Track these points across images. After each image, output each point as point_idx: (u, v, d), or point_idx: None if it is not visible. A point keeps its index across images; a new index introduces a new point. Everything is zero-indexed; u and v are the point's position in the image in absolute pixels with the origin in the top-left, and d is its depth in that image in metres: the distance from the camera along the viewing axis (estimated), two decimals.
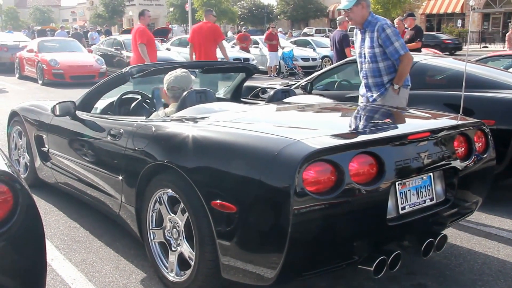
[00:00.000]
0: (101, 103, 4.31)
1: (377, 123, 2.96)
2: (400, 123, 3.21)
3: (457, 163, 2.84)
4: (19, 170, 4.77)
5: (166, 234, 2.86)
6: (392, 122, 3.07)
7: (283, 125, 2.89)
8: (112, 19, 55.95)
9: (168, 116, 3.33)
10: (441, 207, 2.79)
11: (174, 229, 2.79)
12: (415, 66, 4.62)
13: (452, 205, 2.85)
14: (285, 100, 3.87)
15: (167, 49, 17.32)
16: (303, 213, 2.19)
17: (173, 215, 2.77)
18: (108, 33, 24.91)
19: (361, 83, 4.46)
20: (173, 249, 2.81)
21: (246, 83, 5.08)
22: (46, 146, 4.25)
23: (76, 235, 3.69)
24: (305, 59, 17.66)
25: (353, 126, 3.11)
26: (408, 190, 2.63)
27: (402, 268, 2.77)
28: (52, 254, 3.31)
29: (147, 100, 4.33)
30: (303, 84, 5.60)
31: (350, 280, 2.95)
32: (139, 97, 4.32)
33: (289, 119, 3.23)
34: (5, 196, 1.87)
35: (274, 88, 4.36)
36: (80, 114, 3.83)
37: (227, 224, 2.39)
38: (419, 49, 9.37)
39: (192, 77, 3.81)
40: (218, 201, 2.40)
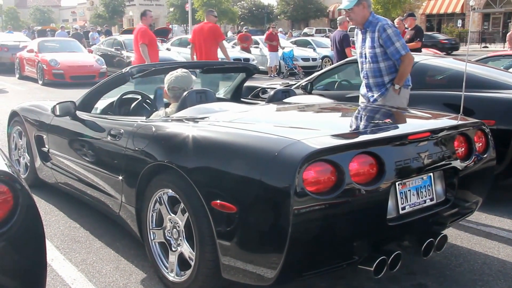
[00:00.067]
0: (101, 103, 4.31)
1: (377, 123, 2.96)
2: (400, 123, 3.21)
3: (457, 163, 2.84)
4: (19, 170, 4.78)
5: (166, 234, 2.86)
6: (392, 122, 3.07)
7: (283, 125, 2.89)
8: (113, 19, 55.96)
9: (169, 116, 3.34)
10: (441, 207, 2.79)
11: (174, 229, 2.79)
12: (415, 66, 4.62)
13: (452, 205, 2.85)
14: (285, 100, 3.87)
15: (167, 49, 17.31)
16: (303, 213, 2.19)
17: (173, 215, 2.77)
18: (108, 33, 24.91)
19: (362, 83, 4.46)
20: (173, 249, 2.81)
21: (246, 83, 5.08)
22: (46, 146, 4.25)
23: (76, 235, 3.69)
24: (305, 59, 17.67)
25: (353, 126, 3.11)
26: (408, 190, 2.63)
27: (402, 268, 2.77)
28: (52, 254, 3.31)
29: (147, 100, 4.33)
30: (303, 84, 5.60)
31: (350, 280, 2.95)
32: (139, 97, 4.32)
33: (289, 119, 3.23)
34: (5, 196, 1.87)
35: (274, 88, 4.37)
36: (80, 114, 3.83)
37: (227, 224, 2.39)
38: (419, 49, 9.36)
39: (193, 77, 3.81)
40: (218, 201, 2.40)
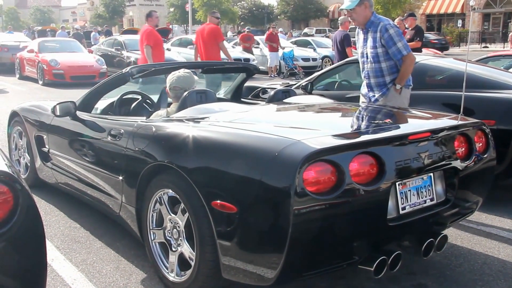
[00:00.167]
0: (102, 104, 4.31)
1: (378, 123, 2.96)
2: (401, 123, 3.20)
3: (458, 163, 2.84)
4: (20, 171, 4.78)
5: (167, 234, 2.86)
6: (393, 122, 3.07)
7: (284, 125, 2.89)
8: (113, 20, 55.99)
9: (169, 116, 3.33)
10: (442, 207, 2.79)
11: (175, 229, 2.78)
12: (416, 66, 4.61)
13: (453, 205, 2.85)
14: (286, 100, 3.87)
15: (168, 49, 17.30)
16: (304, 213, 2.19)
17: (174, 215, 2.77)
18: (109, 34, 24.88)
19: (363, 83, 4.46)
20: (174, 249, 2.81)
21: (247, 83, 5.08)
22: (47, 147, 4.25)
23: (77, 236, 3.69)
24: (306, 59, 17.67)
25: (354, 126, 3.11)
26: (409, 190, 2.62)
27: (403, 268, 2.77)
28: (53, 255, 3.31)
29: (148, 100, 4.33)
30: (304, 84, 5.60)
31: (350, 280, 2.95)
32: (140, 98, 4.32)
33: (290, 119, 3.23)
34: (6, 197, 1.87)
35: (275, 88, 4.37)
36: (81, 115, 3.83)
37: (228, 224, 2.39)
38: (420, 49, 9.37)
39: (195, 78, 3.81)
40: (219, 201, 2.40)
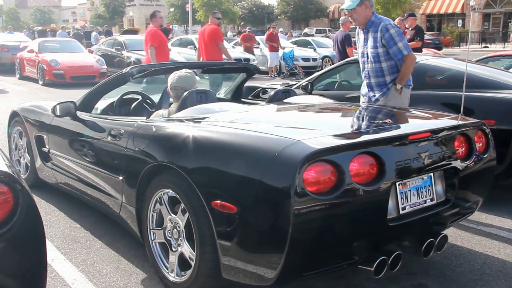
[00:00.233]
0: (102, 104, 4.31)
1: (378, 123, 2.96)
2: (401, 123, 3.20)
3: (458, 163, 2.84)
4: (20, 171, 4.78)
5: (167, 235, 2.86)
6: (393, 122, 3.07)
7: (284, 125, 2.89)
8: (113, 20, 55.99)
9: (169, 116, 3.34)
10: (442, 207, 2.79)
11: (175, 230, 2.78)
12: (416, 66, 4.61)
13: (453, 205, 2.85)
14: (286, 100, 3.88)
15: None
16: (304, 213, 2.19)
17: (174, 216, 2.77)
18: (109, 34, 24.86)
19: (363, 83, 4.46)
20: (174, 250, 2.81)
21: (247, 83, 5.08)
22: (47, 147, 4.25)
23: (77, 236, 3.69)
24: (306, 59, 17.67)
25: (354, 126, 3.11)
26: (409, 190, 2.62)
27: (403, 268, 2.77)
28: (53, 255, 3.32)
29: (148, 101, 4.34)
30: (304, 84, 5.60)
31: (351, 280, 2.95)
32: (140, 98, 4.33)
33: (290, 119, 3.23)
34: (6, 197, 1.87)
35: (275, 88, 4.37)
36: (81, 115, 3.83)
37: (228, 225, 2.39)
38: (420, 49, 9.37)
39: (197, 78, 3.81)
40: (219, 202, 2.40)
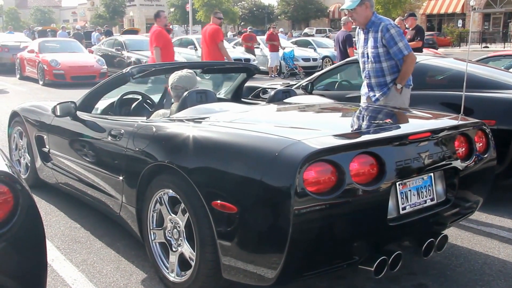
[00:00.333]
0: (102, 104, 4.31)
1: (378, 123, 2.96)
2: (401, 123, 3.20)
3: (458, 163, 2.84)
4: (20, 171, 4.78)
5: (167, 235, 2.86)
6: (393, 122, 3.07)
7: (284, 126, 2.89)
8: (113, 20, 55.96)
9: (169, 116, 3.33)
10: (442, 207, 2.79)
11: (175, 230, 2.78)
12: (416, 66, 4.61)
13: (453, 205, 2.84)
14: (286, 100, 3.87)
15: None
16: (304, 214, 2.19)
17: (174, 216, 2.77)
18: (109, 34, 24.80)
19: (363, 83, 4.46)
20: (174, 250, 2.81)
21: (247, 83, 5.08)
22: (47, 147, 4.25)
23: (77, 236, 3.69)
24: (306, 60, 17.67)
25: (354, 126, 3.11)
26: (409, 190, 2.62)
27: (403, 269, 2.77)
28: (53, 255, 3.32)
29: (148, 101, 4.34)
30: (304, 85, 5.60)
31: (351, 280, 2.94)
32: (140, 98, 4.33)
33: (290, 120, 3.23)
34: (6, 197, 1.87)
35: (275, 89, 4.37)
36: (81, 115, 3.83)
37: (228, 225, 2.39)
38: (420, 49, 9.36)
39: (198, 78, 3.81)
40: (219, 202, 2.40)
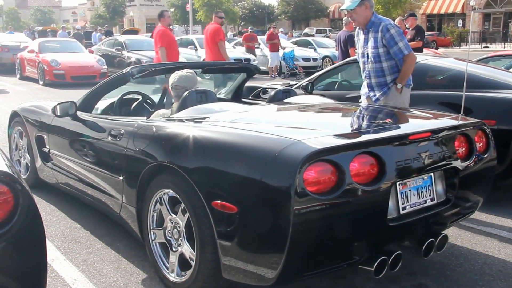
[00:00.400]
0: (102, 104, 4.31)
1: (378, 123, 2.96)
2: (401, 123, 3.20)
3: (458, 163, 2.84)
4: (20, 171, 4.78)
5: (167, 235, 2.86)
6: (393, 122, 3.07)
7: (284, 125, 2.89)
8: (113, 20, 55.96)
9: (169, 116, 3.33)
10: (442, 207, 2.79)
11: (175, 230, 2.78)
12: (416, 66, 4.61)
13: (453, 205, 2.84)
14: (286, 100, 3.87)
15: None
16: (304, 213, 2.19)
17: (174, 216, 2.77)
18: (109, 34, 24.80)
19: (363, 83, 4.46)
20: (174, 250, 2.81)
21: (247, 83, 5.08)
22: (47, 147, 4.25)
23: (77, 236, 3.69)
24: (306, 60, 17.67)
25: (354, 126, 3.11)
26: (409, 190, 2.62)
27: (403, 269, 2.77)
28: (53, 255, 3.32)
29: (148, 101, 4.33)
30: (304, 84, 5.60)
31: (351, 280, 2.94)
32: (140, 98, 4.33)
33: (290, 119, 3.23)
34: (6, 197, 1.87)
35: (275, 88, 4.37)
36: (81, 115, 3.83)
37: (228, 225, 2.39)
38: (421, 49, 9.37)
39: (198, 78, 3.81)
40: (219, 202, 2.40)
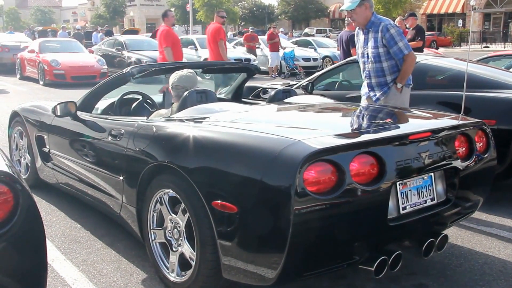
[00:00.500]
0: (102, 104, 4.31)
1: (378, 123, 2.96)
2: (401, 123, 3.20)
3: (458, 163, 2.84)
4: (20, 171, 4.78)
5: (167, 235, 2.86)
6: (393, 122, 3.07)
7: (284, 125, 2.89)
8: (113, 20, 55.96)
9: (169, 116, 3.33)
10: (442, 207, 2.79)
11: (175, 230, 2.78)
12: (416, 66, 4.61)
13: (453, 205, 2.84)
14: (286, 100, 3.87)
15: None
16: (304, 213, 2.19)
17: (174, 216, 2.77)
18: (109, 34, 24.78)
19: (363, 83, 4.46)
20: (174, 250, 2.81)
21: (247, 83, 5.08)
22: (47, 147, 4.25)
23: (77, 236, 3.69)
24: (306, 59, 17.67)
25: (354, 126, 3.11)
26: (409, 190, 2.62)
27: (403, 268, 2.77)
28: (53, 255, 3.32)
29: (148, 100, 4.33)
30: (304, 84, 5.60)
31: (351, 280, 2.94)
32: (140, 98, 4.33)
33: (290, 119, 3.23)
34: (6, 197, 1.87)
35: (275, 88, 4.37)
36: (81, 115, 3.83)
37: (228, 225, 2.39)
38: (421, 49, 9.36)
39: (199, 78, 3.80)
40: (219, 201, 2.40)
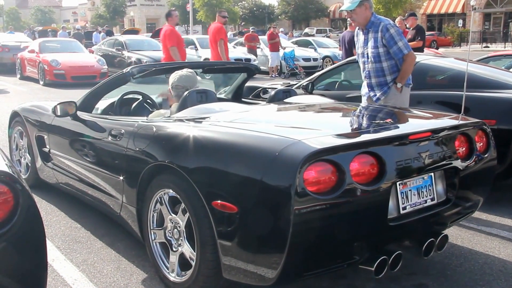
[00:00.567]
0: (102, 104, 4.31)
1: (378, 123, 2.95)
2: (401, 123, 3.20)
3: (458, 163, 2.84)
4: (20, 171, 4.78)
5: (167, 235, 2.86)
6: (393, 122, 3.07)
7: (284, 125, 2.89)
8: (114, 20, 55.97)
9: (169, 116, 3.33)
10: (442, 207, 2.79)
11: (175, 229, 2.79)
12: (416, 66, 4.62)
13: (453, 205, 2.84)
14: (286, 100, 3.87)
15: None
16: (304, 213, 2.19)
17: (174, 216, 2.77)
18: (110, 34, 24.77)
19: (363, 83, 4.46)
20: (174, 250, 2.81)
21: (248, 83, 5.08)
22: (47, 147, 4.25)
23: (77, 236, 3.69)
24: (307, 59, 17.68)
25: (354, 126, 3.11)
26: (409, 190, 2.62)
27: (403, 268, 2.77)
28: (53, 255, 3.32)
29: (148, 100, 4.33)
30: (304, 84, 5.60)
31: (351, 280, 2.94)
32: (140, 97, 4.33)
33: (290, 119, 3.23)
34: (6, 197, 1.87)
35: (275, 88, 4.37)
36: (81, 115, 3.83)
37: (228, 224, 2.39)
38: (421, 49, 9.36)
39: (199, 78, 3.81)
40: (219, 201, 2.40)
